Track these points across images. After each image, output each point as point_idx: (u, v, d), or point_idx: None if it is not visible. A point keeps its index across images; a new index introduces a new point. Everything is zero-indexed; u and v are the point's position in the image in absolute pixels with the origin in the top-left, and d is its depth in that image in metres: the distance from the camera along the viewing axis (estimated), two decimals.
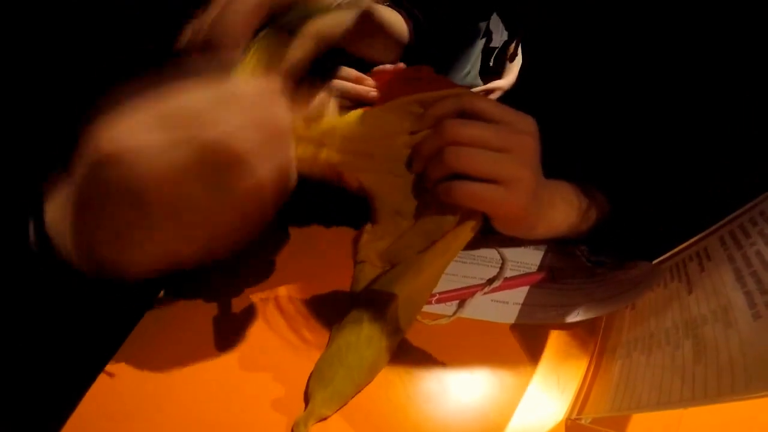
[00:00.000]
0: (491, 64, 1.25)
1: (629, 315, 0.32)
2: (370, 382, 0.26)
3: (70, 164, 0.19)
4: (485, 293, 0.31)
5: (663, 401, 0.24)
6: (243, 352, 0.29)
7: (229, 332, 0.30)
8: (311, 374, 0.26)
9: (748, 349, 0.22)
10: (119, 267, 0.20)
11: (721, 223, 0.31)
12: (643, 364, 0.28)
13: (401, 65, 0.37)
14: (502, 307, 0.31)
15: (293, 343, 0.29)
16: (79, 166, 0.19)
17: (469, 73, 0.94)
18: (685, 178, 0.37)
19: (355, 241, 0.32)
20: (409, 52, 0.56)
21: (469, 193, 0.27)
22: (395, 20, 0.52)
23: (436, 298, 0.30)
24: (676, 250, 0.34)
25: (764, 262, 0.25)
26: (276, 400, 0.26)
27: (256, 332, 0.30)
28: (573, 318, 0.31)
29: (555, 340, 0.31)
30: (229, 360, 0.28)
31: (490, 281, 0.32)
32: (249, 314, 0.31)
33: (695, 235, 0.33)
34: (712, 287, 0.27)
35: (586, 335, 0.32)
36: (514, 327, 0.31)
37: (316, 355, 0.27)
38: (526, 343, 0.30)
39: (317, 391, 0.25)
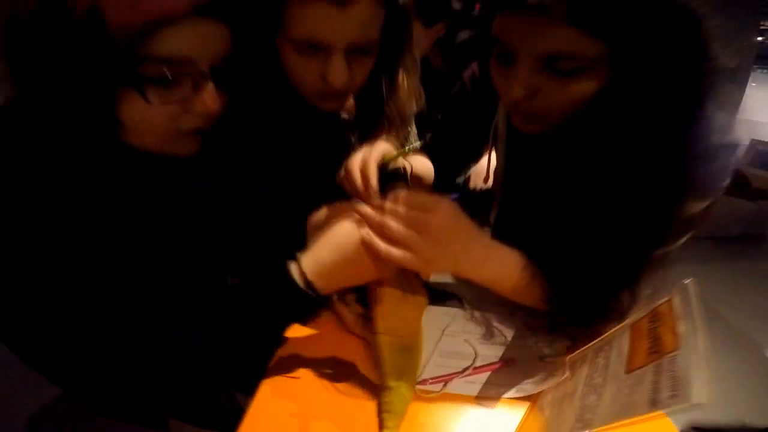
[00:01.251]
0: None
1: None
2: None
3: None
4: (461, 377, 0.55)
5: None
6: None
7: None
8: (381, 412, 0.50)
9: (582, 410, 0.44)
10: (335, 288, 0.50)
11: (597, 340, 0.51)
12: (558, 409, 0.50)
13: None
14: (471, 386, 0.55)
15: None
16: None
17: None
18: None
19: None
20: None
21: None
22: (427, 168, 0.76)
23: (429, 381, 0.55)
24: (583, 348, 0.54)
25: (605, 369, 0.46)
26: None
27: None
28: (514, 394, 0.53)
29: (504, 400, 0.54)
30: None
31: (464, 370, 0.56)
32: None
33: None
34: (577, 379, 0.49)
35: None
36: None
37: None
38: (485, 403, 0.54)
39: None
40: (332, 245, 0.51)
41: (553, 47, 0.44)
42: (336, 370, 0.57)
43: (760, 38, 2.40)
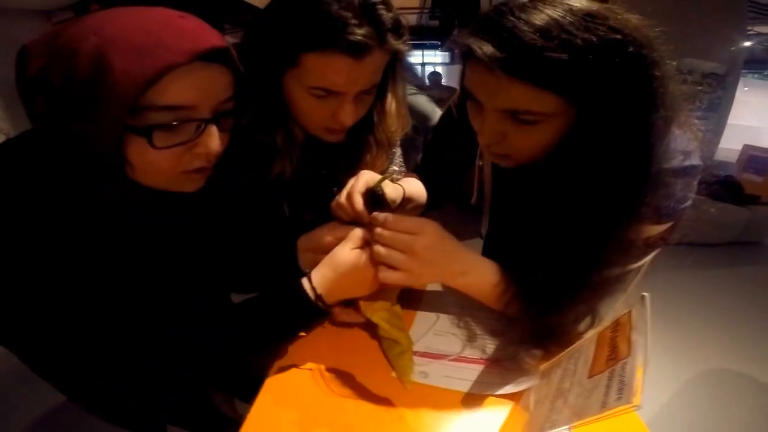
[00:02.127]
0: None
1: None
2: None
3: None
4: (447, 360, 0.61)
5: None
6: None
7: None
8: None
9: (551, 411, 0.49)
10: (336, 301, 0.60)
11: (570, 348, 0.55)
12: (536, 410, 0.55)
13: None
14: (456, 381, 0.59)
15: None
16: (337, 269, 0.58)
17: None
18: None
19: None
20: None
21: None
22: (419, 190, 0.80)
23: (419, 353, 0.61)
24: (560, 355, 0.59)
25: (572, 374, 0.51)
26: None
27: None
28: (497, 391, 0.58)
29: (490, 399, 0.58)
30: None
31: (452, 355, 0.61)
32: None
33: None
34: (551, 383, 0.53)
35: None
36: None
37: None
38: (473, 398, 0.58)
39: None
40: (336, 264, 0.58)
41: (512, 102, 0.47)
42: (334, 377, 0.61)
43: (748, 43, 2.45)
